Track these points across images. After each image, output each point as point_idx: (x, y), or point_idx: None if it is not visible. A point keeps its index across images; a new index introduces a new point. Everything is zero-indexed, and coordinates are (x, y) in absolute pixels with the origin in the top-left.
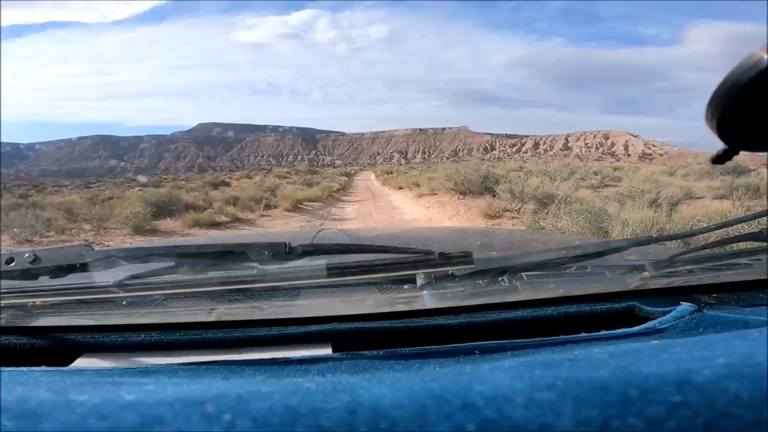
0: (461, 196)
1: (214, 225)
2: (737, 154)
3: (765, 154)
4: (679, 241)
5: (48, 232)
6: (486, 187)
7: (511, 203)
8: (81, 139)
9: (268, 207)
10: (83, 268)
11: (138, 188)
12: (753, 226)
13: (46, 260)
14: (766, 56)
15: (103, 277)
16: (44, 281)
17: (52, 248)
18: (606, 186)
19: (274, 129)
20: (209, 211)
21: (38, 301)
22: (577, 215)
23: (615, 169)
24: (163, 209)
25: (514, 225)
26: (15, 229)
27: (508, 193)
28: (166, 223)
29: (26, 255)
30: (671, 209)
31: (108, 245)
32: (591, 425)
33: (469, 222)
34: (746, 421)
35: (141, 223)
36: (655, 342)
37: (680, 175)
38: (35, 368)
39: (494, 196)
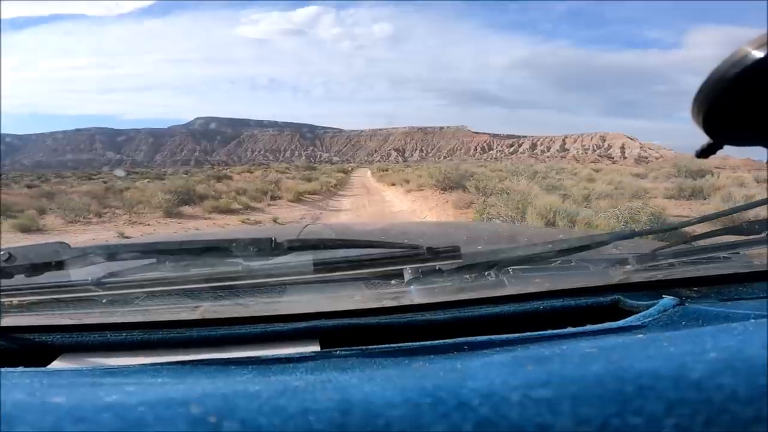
0: (442, 191)
1: (230, 211)
2: (722, 148)
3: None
4: (662, 234)
5: (87, 216)
6: (462, 184)
7: (477, 197)
8: (77, 131)
9: (273, 198)
10: (59, 265)
11: (148, 180)
12: (734, 220)
13: (21, 258)
14: (752, 51)
15: (80, 275)
16: (20, 280)
17: (27, 246)
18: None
19: (272, 124)
20: (225, 199)
21: (14, 300)
22: (506, 202)
23: (596, 171)
24: (181, 198)
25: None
26: (65, 211)
27: (474, 189)
28: (186, 210)
29: (1, 253)
30: (585, 201)
31: (149, 224)
32: (590, 424)
33: (445, 212)
34: (745, 418)
35: (171, 208)
36: (641, 336)
37: (652, 177)
38: (12, 369)
39: (464, 190)
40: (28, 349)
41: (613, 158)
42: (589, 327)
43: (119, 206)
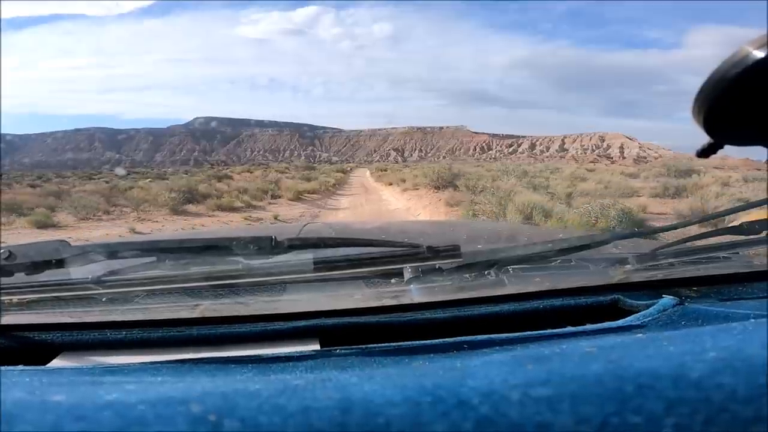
0: (436, 190)
1: (233, 209)
2: (722, 147)
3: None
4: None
5: (97, 213)
6: (455, 183)
7: (466, 195)
8: (77, 131)
9: (273, 197)
10: (60, 264)
11: (149, 179)
12: (734, 220)
13: (22, 256)
14: (753, 51)
15: (80, 273)
16: (20, 278)
17: (27, 243)
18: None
19: (272, 124)
20: (228, 197)
21: (14, 298)
22: (490, 199)
23: (589, 170)
24: (185, 197)
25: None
26: (76, 209)
27: (464, 187)
28: (190, 208)
29: (1, 251)
30: (568, 198)
31: (156, 221)
32: (590, 423)
33: (437, 209)
34: (745, 417)
35: (176, 206)
36: (641, 335)
37: (643, 177)
38: (12, 368)
39: (455, 189)
40: (27, 347)
41: (612, 158)
42: (588, 326)
43: (126, 204)
